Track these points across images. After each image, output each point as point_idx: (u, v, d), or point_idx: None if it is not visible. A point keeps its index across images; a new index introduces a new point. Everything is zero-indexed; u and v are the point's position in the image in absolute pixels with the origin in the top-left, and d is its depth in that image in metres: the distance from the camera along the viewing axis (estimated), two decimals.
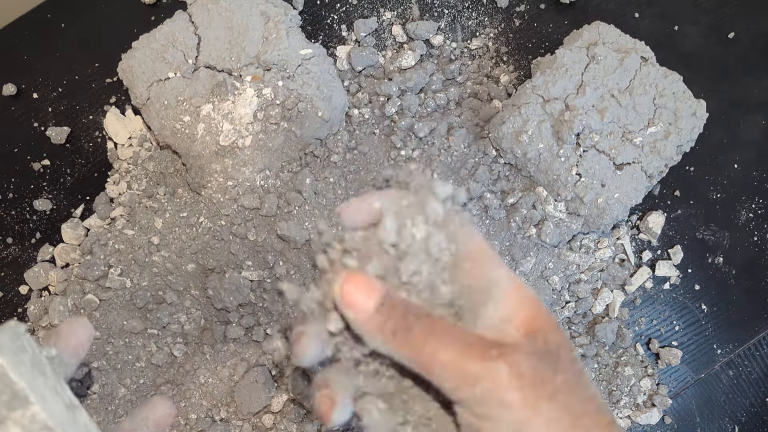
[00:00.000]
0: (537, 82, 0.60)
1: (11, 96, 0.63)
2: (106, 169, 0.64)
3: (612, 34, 0.61)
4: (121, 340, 0.59)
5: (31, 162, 0.63)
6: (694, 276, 0.65)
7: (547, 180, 0.60)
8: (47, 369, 0.30)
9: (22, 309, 0.62)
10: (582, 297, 0.62)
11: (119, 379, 0.59)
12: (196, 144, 0.59)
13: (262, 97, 0.58)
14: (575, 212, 0.61)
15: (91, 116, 0.64)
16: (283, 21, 0.59)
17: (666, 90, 0.60)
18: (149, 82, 0.59)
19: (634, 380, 0.63)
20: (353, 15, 0.65)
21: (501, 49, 0.65)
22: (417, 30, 0.64)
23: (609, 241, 0.64)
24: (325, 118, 0.59)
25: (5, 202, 0.63)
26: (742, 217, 0.65)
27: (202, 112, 0.58)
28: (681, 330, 0.65)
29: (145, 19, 0.64)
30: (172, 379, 0.60)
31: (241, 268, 0.60)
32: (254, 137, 0.59)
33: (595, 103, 0.59)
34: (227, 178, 0.59)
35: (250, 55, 0.58)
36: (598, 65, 0.59)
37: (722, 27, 0.66)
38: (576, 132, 0.58)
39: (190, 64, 0.59)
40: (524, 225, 0.61)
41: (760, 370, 0.65)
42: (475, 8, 0.66)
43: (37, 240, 0.63)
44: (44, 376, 0.29)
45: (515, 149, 0.60)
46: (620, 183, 0.60)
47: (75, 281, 0.60)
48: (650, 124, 0.59)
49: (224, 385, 0.60)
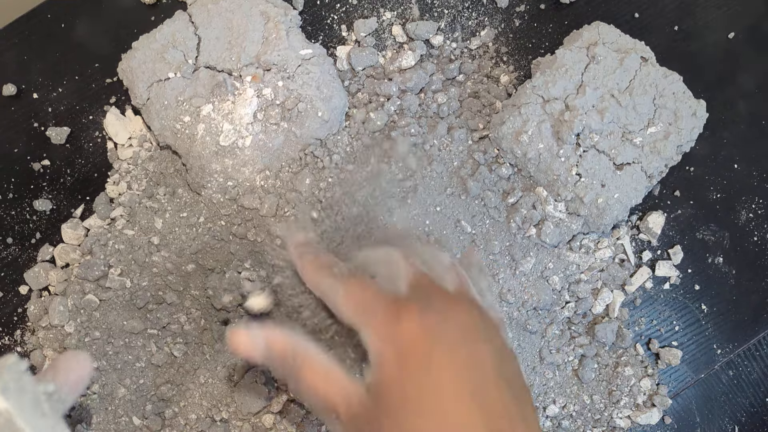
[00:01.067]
0: (537, 82, 0.60)
1: (11, 96, 0.63)
2: (106, 169, 0.64)
3: (612, 34, 0.61)
4: (121, 340, 0.59)
5: (31, 162, 0.63)
6: (694, 276, 0.65)
7: (547, 180, 0.60)
8: (46, 407, 0.29)
9: (22, 309, 0.62)
10: (582, 297, 0.62)
11: (119, 379, 0.59)
12: (196, 144, 0.59)
13: (262, 98, 0.58)
14: (575, 212, 0.61)
15: (91, 116, 0.64)
16: (283, 21, 0.59)
17: (666, 90, 0.60)
18: (149, 82, 0.59)
19: (634, 380, 0.63)
20: (353, 15, 0.65)
21: (501, 49, 0.65)
22: (417, 30, 0.64)
23: (609, 241, 0.64)
24: (325, 119, 0.59)
25: (5, 202, 0.63)
26: (742, 217, 0.65)
27: (202, 113, 0.58)
28: (681, 330, 0.65)
29: (145, 20, 0.64)
30: (171, 379, 0.60)
31: (241, 268, 0.60)
32: (254, 137, 0.59)
33: (595, 103, 0.59)
34: (227, 178, 0.59)
35: (250, 56, 0.58)
36: (598, 65, 0.59)
37: (722, 27, 0.66)
38: (576, 132, 0.58)
39: (190, 65, 0.59)
40: (524, 225, 0.61)
41: (760, 371, 0.65)
42: (475, 8, 0.66)
43: (37, 240, 0.63)
44: (44, 417, 0.28)
45: (515, 149, 0.60)
46: (620, 183, 0.60)
47: (75, 281, 0.60)
48: (650, 125, 0.59)
49: (224, 385, 0.60)
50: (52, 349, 0.60)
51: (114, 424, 0.59)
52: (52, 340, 0.60)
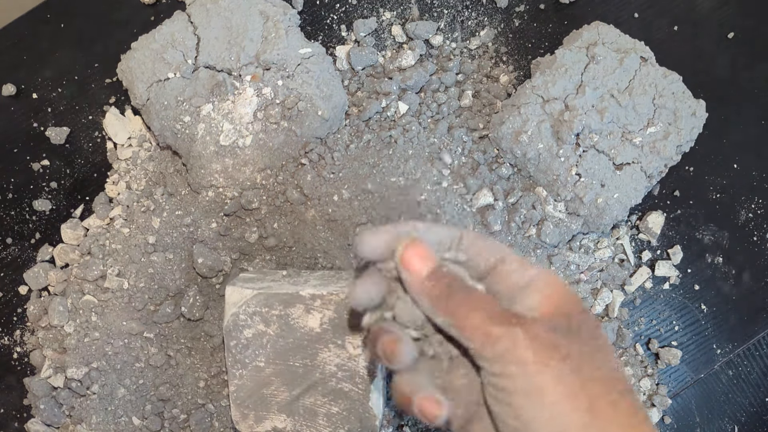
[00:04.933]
0: (537, 82, 0.60)
1: (11, 96, 0.63)
2: (105, 169, 0.64)
3: (612, 34, 0.61)
4: (120, 340, 0.59)
5: (31, 162, 0.63)
6: (694, 276, 0.65)
7: (546, 180, 0.60)
8: None
9: (22, 309, 0.62)
10: (582, 297, 0.62)
11: (119, 379, 0.59)
12: (196, 144, 0.59)
13: (261, 97, 0.58)
14: (575, 212, 0.61)
15: (90, 116, 0.64)
16: (282, 20, 0.59)
17: (665, 90, 0.60)
18: (149, 82, 0.59)
19: (634, 380, 0.63)
20: (353, 15, 0.65)
21: (501, 49, 0.65)
22: (416, 30, 0.64)
23: (608, 241, 0.64)
24: (325, 117, 0.59)
25: (5, 202, 0.63)
26: (742, 217, 0.65)
27: (202, 112, 0.58)
28: (681, 330, 0.65)
29: (144, 20, 0.64)
30: (170, 380, 0.60)
31: (241, 269, 0.60)
32: (254, 137, 0.59)
33: (594, 103, 0.59)
34: (228, 177, 0.59)
35: (250, 55, 0.58)
36: (597, 65, 0.59)
37: (722, 27, 0.66)
38: (576, 132, 0.58)
39: (190, 65, 0.59)
40: (524, 225, 0.61)
41: (760, 370, 0.65)
42: (474, 8, 0.66)
43: (36, 240, 0.63)
44: None
45: (515, 149, 0.60)
46: (620, 183, 0.60)
47: (74, 281, 0.60)
48: (650, 124, 0.59)
49: (223, 386, 0.60)
50: (52, 349, 0.60)
51: (114, 424, 0.59)
52: (52, 340, 0.60)
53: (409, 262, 0.37)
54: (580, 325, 0.35)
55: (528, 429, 0.33)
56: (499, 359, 0.34)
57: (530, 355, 0.33)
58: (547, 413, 0.33)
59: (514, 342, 0.33)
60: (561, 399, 0.33)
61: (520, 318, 0.35)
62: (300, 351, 0.50)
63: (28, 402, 0.61)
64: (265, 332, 0.50)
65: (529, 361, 0.33)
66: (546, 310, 0.35)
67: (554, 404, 0.33)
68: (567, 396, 0.33)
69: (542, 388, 0.33)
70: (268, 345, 0.50)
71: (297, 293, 0.50)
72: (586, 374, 0.33)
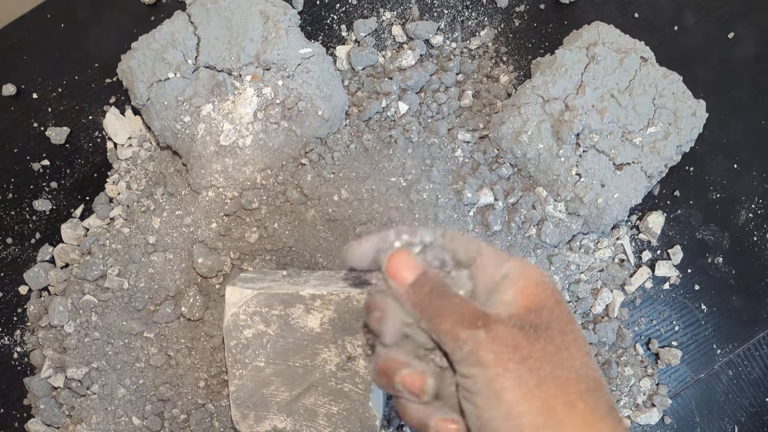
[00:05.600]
0: (537, 82, 0.60)
1: (11, 96, 0.63)
2: (105, 169, 0.64)
3: (612, 34, 0.61)
4: (121, 340, 0.59)
5: (31, 162, 0.63)
6: (694, 276, 0.65)
7: (546, 180, 0.60)
8: None
9: (22, 309, 0.62)
10: (582, 297, 0.62)
11: (119, 379, 0.59)
12: (196, 144, 0.59)
13: (262, 97, 0.58)
14: (575, 212, 0.61)
15: (90, 116, 0.64)
16: (282, 20, 0.59)
17: (666, 90, 0.60)
18: (149, 82, 0.59)
19: (634, 380, 0.63)
20: (353, 15, 0.65)
21: (501, 49, 0.65)
22: (417, 30, 0.64)
23: (609, 241, 0.64)
24: (325, 117, 0.59)
25: (5, 202, 0.63)
26: (742, 217, 0.65)
27: (202, 112, 0.58)
28: (681, 330, 0.65)
29: (144, 20, 0.64)
30: (170, 380, 0.60)
31: (241, 269, 0.60)
32: (255, 137, 0.59)
33: (594, 103, 0.59)
34: (228, 177, 0.59)
35: (250, 55, 0.58)
36: (597, 65, 0.59)
37: (722, 27, 0.66)
38: (576, 132, 0.58)
39: (190, 65, 0.59)
40: (524, 225, 0.61)
41: (760, 370, 0.65)
42: (474, 8, 0.66)
43: (36, 240, 0.63)
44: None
45: (515, 149, 0.60)
46: (620, 183, 0.60)
47: (74, 281, 0.60)
48: (650, 124, 0.59)
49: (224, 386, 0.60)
50: (52, 349, 0.60)
51: (114, 424, 0.59)
52: (52, 340, 0.60)
53: (394, 273, 0.39)
54: (551, 320, 0.36)
55: (488, 428, 0.35)
56: (463, 361, 0.35)
57: (491, 357, 0.34)
58: (504, 414, 0.34)
59: (476, 344, 0.35)
60: (518, 400, 0.34)
61: (487, 319, 0.35)
62: (300, 351, 0.50)
63: (28, 402, 0.61)
64: (265, 332, 0.50)
65: (490, 363, 0.34)
66: (521, 303, 0.37)
67: (511, 405, 0.34)
68: (524, 396, 0.34)
69: (501, 389, 0.34)
70: (268, 345, 0.50)
71: (297, 293, 0.50)
72: (545, 374, 0.34)
